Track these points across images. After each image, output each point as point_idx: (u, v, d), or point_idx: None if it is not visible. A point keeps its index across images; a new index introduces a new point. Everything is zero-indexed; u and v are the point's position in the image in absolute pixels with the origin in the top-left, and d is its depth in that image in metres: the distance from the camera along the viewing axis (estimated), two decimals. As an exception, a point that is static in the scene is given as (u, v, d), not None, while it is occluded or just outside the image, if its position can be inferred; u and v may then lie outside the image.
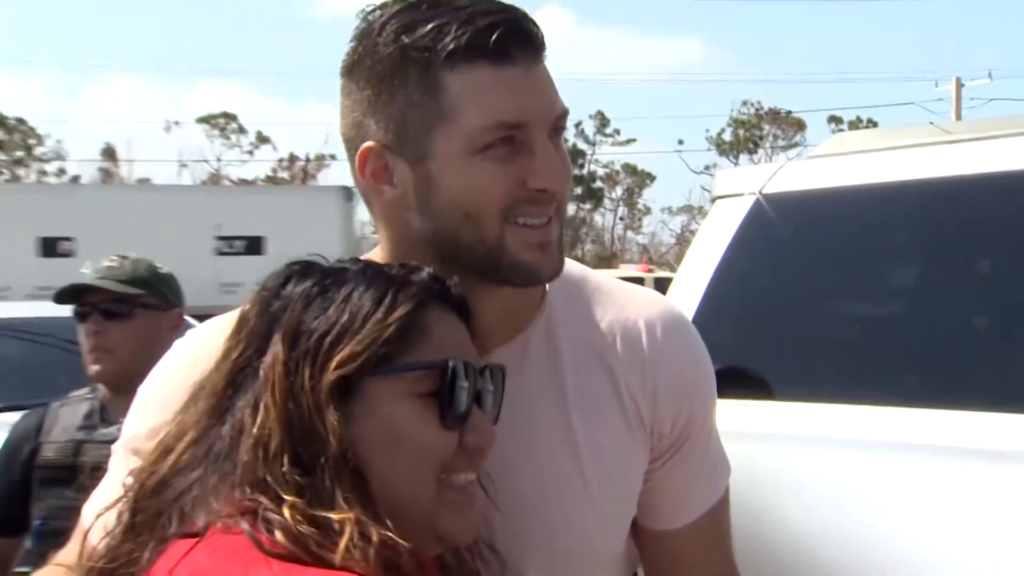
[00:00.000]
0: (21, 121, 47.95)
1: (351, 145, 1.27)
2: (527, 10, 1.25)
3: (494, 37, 1.18)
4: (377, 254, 1.31)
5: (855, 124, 42.90)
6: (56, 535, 2.45)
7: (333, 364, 1.05)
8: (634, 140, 52.30)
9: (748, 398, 2.63)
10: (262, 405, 1.05)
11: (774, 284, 2.94)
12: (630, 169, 52.61)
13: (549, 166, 1.22)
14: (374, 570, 0.97)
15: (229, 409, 1.08)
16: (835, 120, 45.50)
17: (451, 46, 1.18)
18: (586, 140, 51.87)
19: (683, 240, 45.96)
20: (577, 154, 51.83)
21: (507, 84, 1.20)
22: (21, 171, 46.47)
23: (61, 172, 48.11)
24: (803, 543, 2.31)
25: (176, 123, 50.79)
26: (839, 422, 2.46)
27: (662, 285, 13.39)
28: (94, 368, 2.56)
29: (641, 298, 1.40)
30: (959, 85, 32.36)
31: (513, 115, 1.20)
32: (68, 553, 1.32)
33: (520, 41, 1.21)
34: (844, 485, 2.36)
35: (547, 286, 1.34)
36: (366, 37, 1.23)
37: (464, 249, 1.23)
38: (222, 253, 20.70)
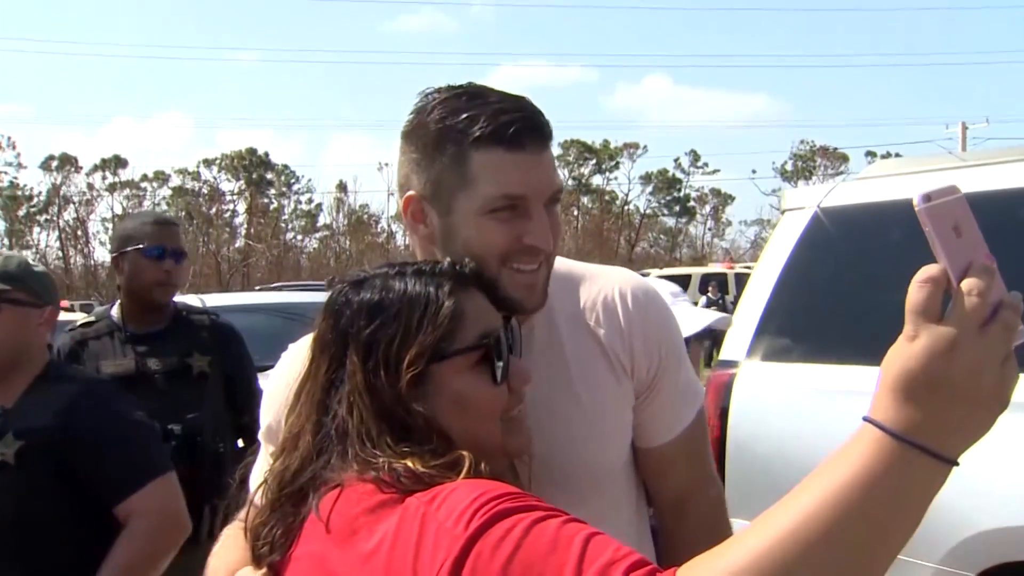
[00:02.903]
0: (285, 166, 49.73)
1: (401, 190, 1.27)
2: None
3: (511, 130, 1.17)
4: None
5: (886, 157, 41.48)
6: None
7: (404, 366, 1.00)
8: (718, 170, 51.56)
9: (806, 362, 2.58)
10: (355, 407, 0.99)
11: (828, 275, 2.87)
12: (716, 192, 51.79)
13: (540, 229, 1.19)
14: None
15: (329, 409, 1.02)
16: (871, 154, 43.85)
17: (478, 132, 1.17)
18: (682, 171, 51.21)
19: (756, 245, 45.02)
20: (675, 181, 51.17)
21: (516, 165, 1.17)
22: (284, 201, 48.13)
23: (309, 202, 49.70)
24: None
25: (387, 164, 51.78)
26: (862, 380, 2.38)
27: (741, 278, 13.24)
28: None
29: (614, 277, 1.37)
30: (964, 128, 31.03)
31: (518, 188, 1.18)
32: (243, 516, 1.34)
33: (530, 134, 1.18)
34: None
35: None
36: (420, 113, 1.22)
37: None
38: None
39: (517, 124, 1.17)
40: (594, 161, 49.63)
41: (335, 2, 70.42)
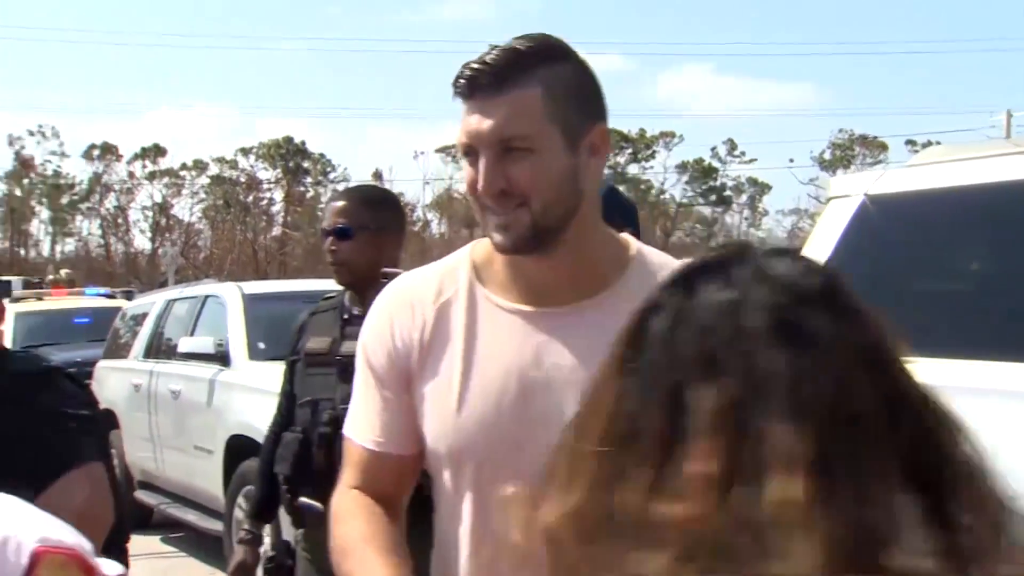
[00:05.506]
0: (321, 155, 50.01)
1: None
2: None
3: (462, 80, 1.23)
4: None
5: (927, 145, 40.70)
6: None
7: None
8: (756, 159, 50.95)
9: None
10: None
11: (874, 264, 2.82)
12: (752, 181, 51.32)
13: (484, 177, 1.22)
14: None
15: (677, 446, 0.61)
16: (911, 143, 43.24)
17: (454, 83, 1.25)
18: (719, 160, 50.76)
19: (793, 235, 44.52)
20: (711, 170, 50.78)
21: (467, 113, 1.23)
22: (320, 189, 48.44)
23: (347, 190, 49.88)
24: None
25: (422, 152, 52.15)
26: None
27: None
28: None
29: None
30: (1009, 116, 30.35)
31: (464, 136, 1.24)
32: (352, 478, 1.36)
33: (476, 83, 1.22)
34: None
35: (628, 266, 1.31)
36: None
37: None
38: None
39: (468, 73, 1.23)
40: (630, 150, 49.40)
41: (371, -9, 70.50)
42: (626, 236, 1.36)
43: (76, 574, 0.87)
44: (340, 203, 2.49)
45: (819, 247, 2.81)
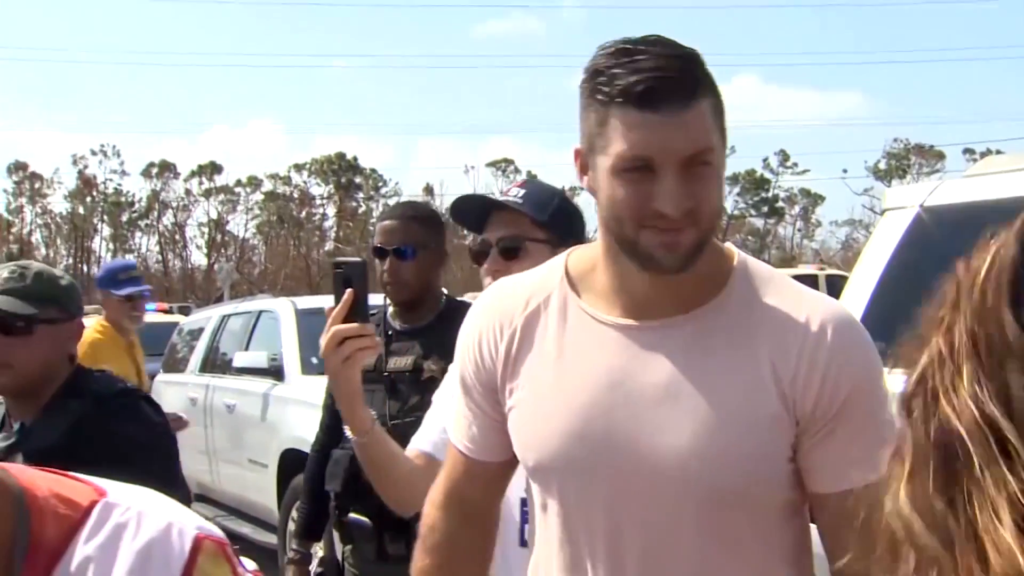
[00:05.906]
0: (373, 170, 50.53)
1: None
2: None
3: (643, 90, 1.14)
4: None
5: (986, 154, 39.78)
6: None
7: None
8: (808, 170, 50.38)
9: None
10: None
11: (930, 279, 2.76)
12: (805, 192, 50.63)
13: (667, 194, 1.15)
14: None
15: None
16: (969, 151, 42.32)
17: (615, 92, 1.15)
18: (771, 171, 50.20)
19: (847, 246, 43.83)
20: (763, 181, 50.26)
21: (645, 126, 1.14)
22: (372, 204, 48.93)
23: (398, 205, 50.24)
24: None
25: (472, 167, 52.31)
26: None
27: (832, 280, 12.90)
28: None
29: (816, 301, 1.24)
30: (1074, 120, 29.54)
31: (643, 150, 1.15)
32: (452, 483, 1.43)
33: (665, 94, 1.14)
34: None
35: (730, 279, 1.25)
36: (585, 71, 1.22)
37: (616, 237, 1.21)
38: None
39: (649, 83, 1.14)
40: (680, 162, 49.06)
41: (424, 8, 71.23)
42: (729, 246, 1.30)
43: (224, 564, 0.90)
44: (395, 222, 2.42)
45: (873, 261, 2.75)
